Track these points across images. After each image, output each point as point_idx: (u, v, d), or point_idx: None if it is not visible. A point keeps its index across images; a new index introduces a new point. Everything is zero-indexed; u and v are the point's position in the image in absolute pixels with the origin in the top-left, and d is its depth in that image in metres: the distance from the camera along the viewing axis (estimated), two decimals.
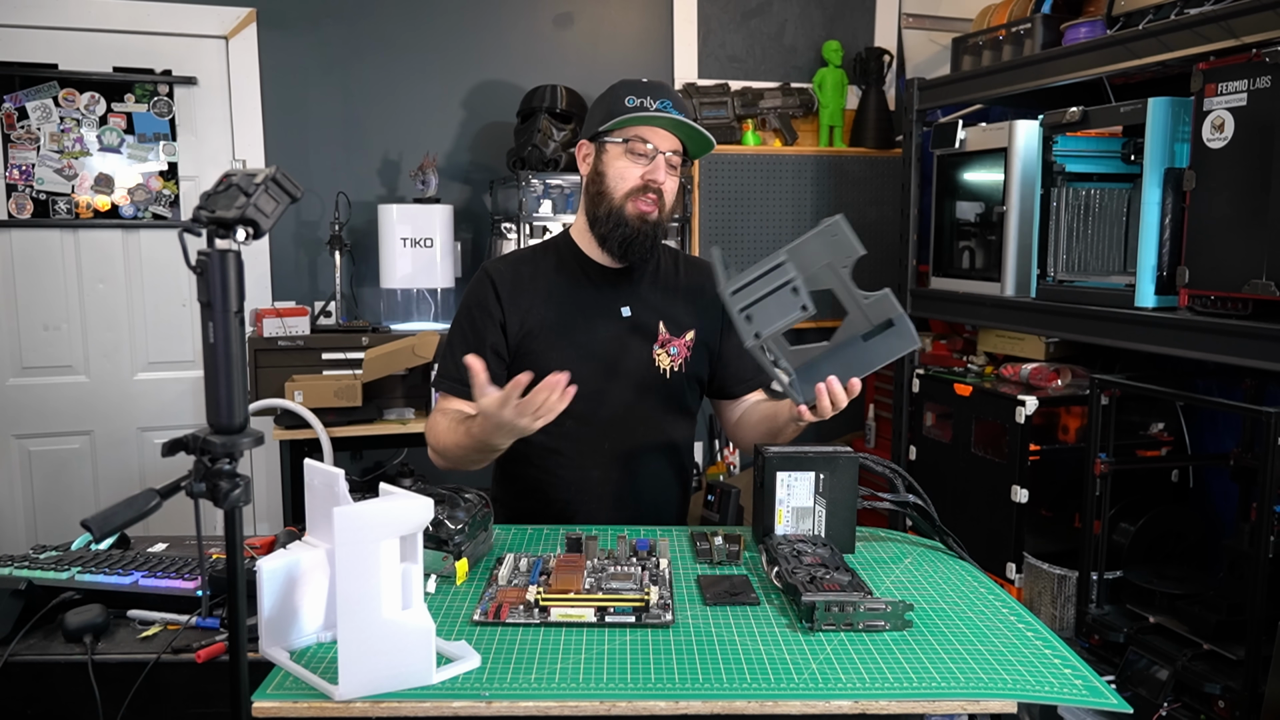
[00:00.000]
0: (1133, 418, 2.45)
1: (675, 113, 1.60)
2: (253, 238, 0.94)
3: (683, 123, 1.60)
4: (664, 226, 1.67)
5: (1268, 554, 1.79)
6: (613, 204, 1.63)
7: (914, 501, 1.50)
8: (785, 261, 1.36)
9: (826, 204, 3.52)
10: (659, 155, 1.62)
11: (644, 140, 1.62)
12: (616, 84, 1.66)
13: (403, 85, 3.29)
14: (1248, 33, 1.83)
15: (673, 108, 1.61)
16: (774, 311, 1.36)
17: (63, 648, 1.29)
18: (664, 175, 1.62)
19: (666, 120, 1.60)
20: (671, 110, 1.60)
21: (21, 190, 3.04)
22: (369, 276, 3.27)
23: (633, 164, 1.62)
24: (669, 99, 1.61)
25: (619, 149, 1.63)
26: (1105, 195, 2.36)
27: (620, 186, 1.63)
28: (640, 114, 1.59)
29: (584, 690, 1.02)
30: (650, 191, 1.62)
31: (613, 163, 1.64)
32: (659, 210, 1.64)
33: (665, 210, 1.65)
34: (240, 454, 0.94)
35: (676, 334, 1.70)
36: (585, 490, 1.67)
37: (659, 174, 1.62)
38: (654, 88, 1.63)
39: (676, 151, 1.64)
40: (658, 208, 1.63)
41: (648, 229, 1.63)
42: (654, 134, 1.62)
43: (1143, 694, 1.95)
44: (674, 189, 1.67)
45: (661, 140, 1.62)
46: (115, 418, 3.20)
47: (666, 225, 1.69)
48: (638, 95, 1.61)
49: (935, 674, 1.06)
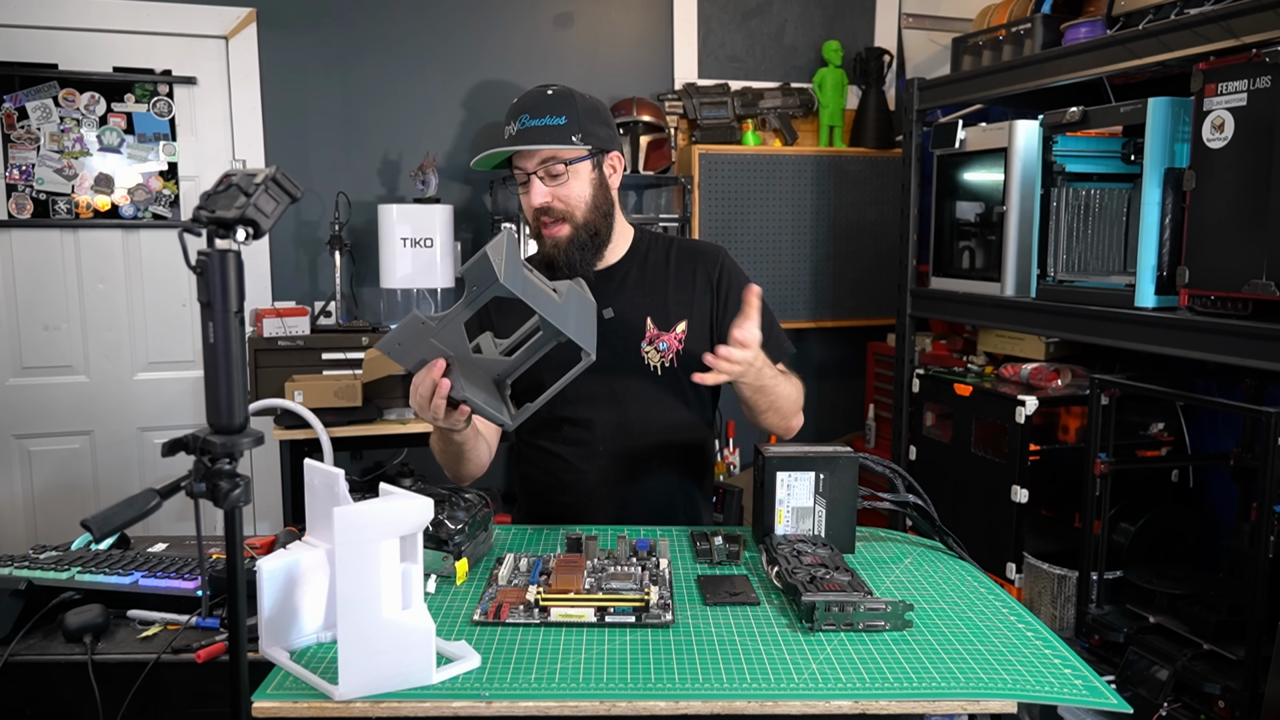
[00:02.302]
0: (1133, 418, 2.45)
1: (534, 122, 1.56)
2: (253, 238, 0.94)
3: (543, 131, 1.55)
4: (585, 236, 1.62)
5: (1268, 554, 1.79)
6: (532, 233, 1.66)
7: (914, 501, 1.50)
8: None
9: (826, 204, 3.52)
10: (529, 177, 1.59)
11: (518, 168, 1.60)
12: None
13: (403, 85, 3.29)
14: (1248, 33, 1.83)
15: (530, 119, 1.57)
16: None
17: (63, 648, 1.29)
18: (541, 195, 1.59)
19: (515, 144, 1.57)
20: (529, 123, 1.57)
21: (21, 190, 3.04)
22: (369, 276, 3.27)
23: (524, 194, 1.62)
24: (526, 111, 1.58)
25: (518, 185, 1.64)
26: (1105, 195, 2.36)
27: (529, 219, 1.64)
28: (496, 150, 1.59)
29: (584, 690, 1.02)
30: (542, 215, 1.60)
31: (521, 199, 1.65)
32: (568, 223, 1.60)
33: (576, 219, 1.61)
34: (240, 454, 0.94)
35: (665, 328, 1.67)
36: (589, 493, 1.67)
37: (534, 198, 1.59)
38: (514, 108, 1.60)
39: (550, 160, 1.58)
40: (564, 221, 1.60)
41: (561, 249, 1.61)
42: (521, 158, 1.59)
43: (1143, 694, 1.95)
44: (573, 194, 1.60)
45: (527, 160, 1.59)
46: (115, 418, 3.20)
47: (592, 231, 1.62)
48: (507, 124, 1.60)
49: (935, 674, 1.06)
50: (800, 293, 3.54)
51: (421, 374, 1.33)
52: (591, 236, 1.63)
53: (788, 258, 3.51)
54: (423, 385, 1.33)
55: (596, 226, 1.63)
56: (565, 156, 1.58)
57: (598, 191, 1.63)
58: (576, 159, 1.59)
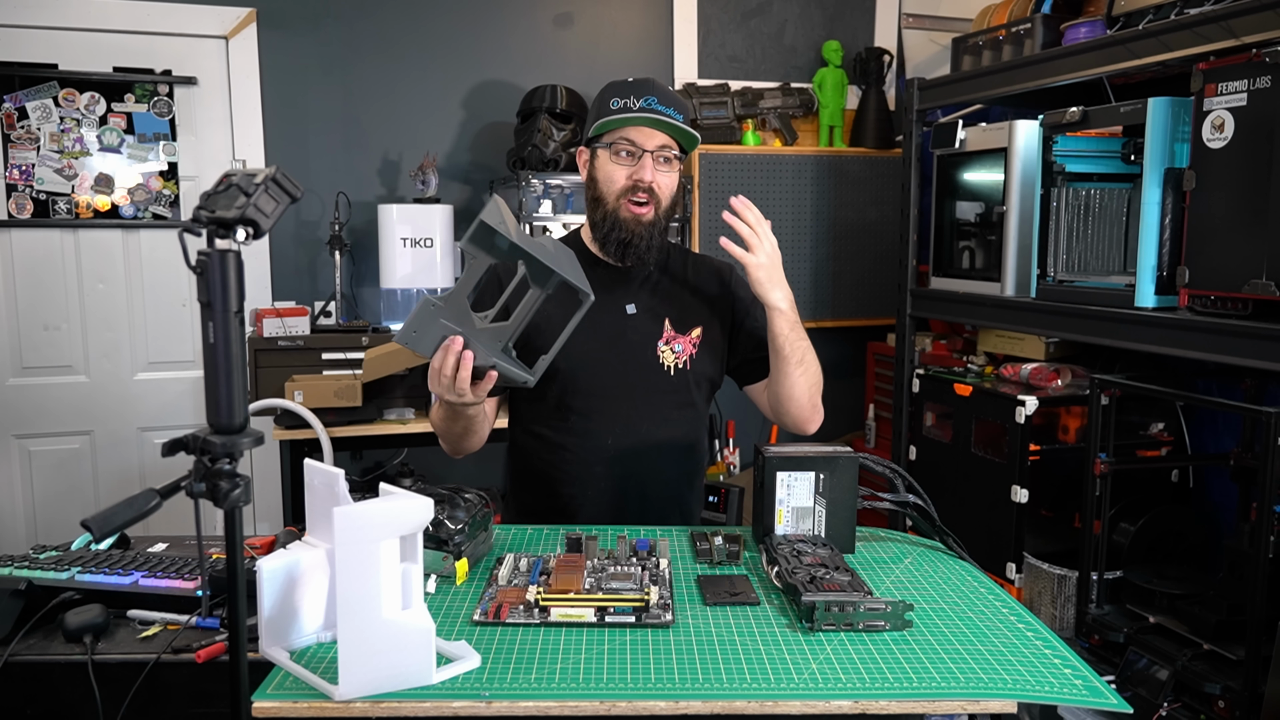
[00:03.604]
0: (1133, 418, 2.45)
1: (662, 108, 1.60)
2: (253, 238, 0.94)
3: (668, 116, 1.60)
4: (662, 225, 1.67)
5: (1268, 554, 1.79)
6: (607, 208, 1.65)
7: (914, 501, 1.50)
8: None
9: (826, 204, 3.52)
10: (645, 154, 1.62)
11: (630, 141, 1.62)
12: (606, 86, 1.67)
13: (403, 85, 3.29)
14: (1248, 33, 1.83)
15: (658, 103, 1.60)
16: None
17: (63, 648, 1.29)
18: (651, 174, 1.62)
19: (648, 119, 1.60)
20: (657, 106, 1.60)
21: (21, 190, 3.04)
22: (369, 276, 3.27)
23: (620, 166, 1.63)
24: (654, 95, 1.61)
25: (607, 153, 1.64)
26: (1105, 195, 2.36)
27: (611, 190, 1.64)
28: (621, 116, 1.60)
29: (584, 690, 1.01)
30: (640, 190, 1.62)
31: (603, 167, 1.65)
32: (654, 209, 1.64)
33: (662, 208, 1.65)
34: (240, 454, 0.94)
35: (682, 331, 1.71)
36: (591, 486, 1.68)
37: (645, 173, 1.62)
38: (639, 86, 1.62)
39: (667, 148, 1.63)
40: (652, 206, 1.63)
41: (643, 230, 1.63)
42: (639, 134, 1.62)
43: (1143, 694, 1.95)
44: (670, 184, 1.66)
45: (647, 139, 1.62)
46: (115, 418, 3.20)
47: (666, 223, 1.68)
48: (622, 96, 1.61)
49: (935, 674, 1.06)
50: (800, 293, 3.52)
51: (439, 355, 1.35)
52: (662, 231, 1.68)
53: (788, 258, 3.44)
54: (445, 365, 1.35)
55: (668, 221, 1.69)
56: (675, 150, 1.65)
57: (678, 192, 1.70)
58: (680, 156, 1.67)
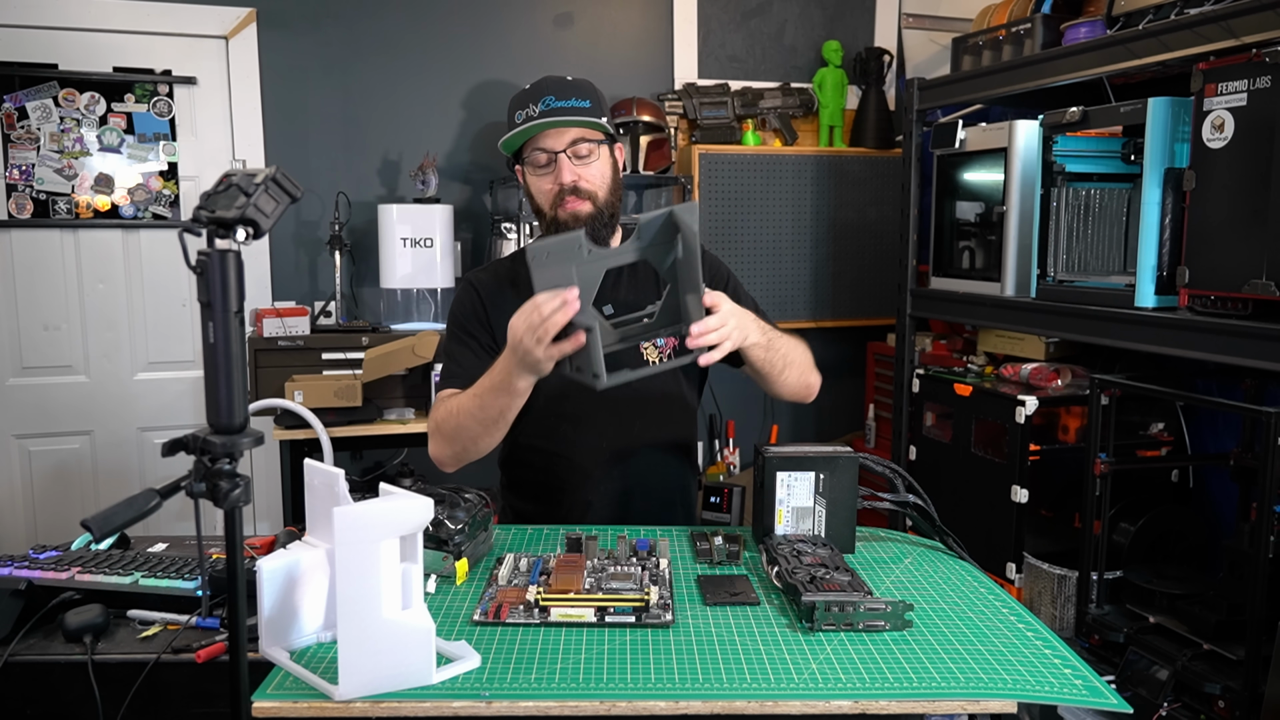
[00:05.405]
0: (1133, 418, 2.45)
1: (561, 103, 1.57)
2: (253, 238, 0.94)
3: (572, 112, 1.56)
4: (605, 213, 1.62)
5: (1268, 554, 1.79)
6: (546, 218, 1.63)
7: (914, 501, 1.49)
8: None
9: (826, 204, 3.53)
10: (555, 158, 1.59)
11: (542, 149, 1.60)
12: (510, 100, 1.65)
13: (403, 85, 3.29)
14: (1248, 33, 1.83)
15: (556, 100, 1.57)
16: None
17: (63, 648, 1.29)
18: (570, 174, 1.59)
19: (548, 122, 1.57)
20: (555, 104, 1.57)
21: (21, 190, 3.04)
22: (369, 276, 3.27)
23: (543, 175, 1.61)
24: (550, 94, 1.58)
25: (528, 167, 1.63)
26: (1105, 195, 2.36)
27: (544, 200, 1.62)
28: (524, 127, 1.58)
29: (584, 690, 1.02)
30: (567, 194, 1.59)
31: (530, 182, 1.64)
32: (592, 202, 1.60)
33: (600, 199, 1.61)
34: (240, 454, 0.94)
35: None
36: (587, 489, 1.67)
37: (565, 175, 1.59)
38: (535, 90, 1.61)
39: (581, 140, 1.59)
40: (589, 200, 1.60)
41: (580, 222, 1.60)
42: (547, 138, 1.59)
43: (1143, 694, 1.95)
44: (598, 174, 1.61)
45: (557, 140, 1.59)
46: (115, 418, 3.20)
47: (610, 209, 1.64)
48: (522, 106, 1.60)
49: (935, 674, 1.06)
50: (800, 293, 3.55)
51: (549, 293, 1.25)
52: (609, 218, 1.64)
53: (788, 258, 3.51)
54: (547, 303, 1.25)
55: (613, 209, 1.65)
56: (594, 137, 1.60)
57: (614, 176, 1.65)
58: (602, 141, 1.62)
